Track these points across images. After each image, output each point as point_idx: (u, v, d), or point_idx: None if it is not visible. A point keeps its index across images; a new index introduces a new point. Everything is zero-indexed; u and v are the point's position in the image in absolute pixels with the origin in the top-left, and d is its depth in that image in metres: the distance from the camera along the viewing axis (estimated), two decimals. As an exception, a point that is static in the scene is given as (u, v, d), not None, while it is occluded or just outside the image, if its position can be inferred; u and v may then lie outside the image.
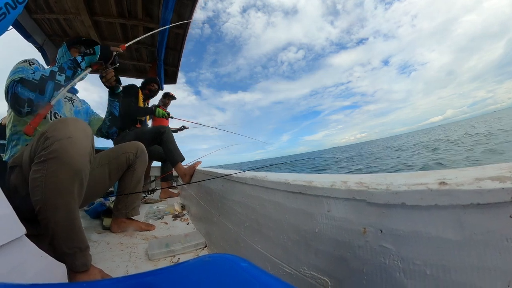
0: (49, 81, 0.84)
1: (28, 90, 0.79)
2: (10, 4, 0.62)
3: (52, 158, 0.66)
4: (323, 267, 0.43)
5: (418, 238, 0.29)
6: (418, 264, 0.29)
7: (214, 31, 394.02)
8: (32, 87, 0.80)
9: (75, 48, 1.12)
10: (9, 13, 0.62)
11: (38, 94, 0.81)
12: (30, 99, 0.80)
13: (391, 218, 0.32)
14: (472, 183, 0.25)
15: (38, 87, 0.81)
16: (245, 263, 0.27)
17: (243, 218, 0.75)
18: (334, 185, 0.41)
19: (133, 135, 1.89)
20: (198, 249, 1.04)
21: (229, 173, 0.90)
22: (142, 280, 0.27)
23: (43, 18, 2.11)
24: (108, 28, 2.31)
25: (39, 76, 0.82)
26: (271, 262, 0.57)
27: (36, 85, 0.80)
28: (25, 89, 0.78)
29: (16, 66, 0.89)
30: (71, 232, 0.70)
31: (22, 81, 0.79)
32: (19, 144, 0.91)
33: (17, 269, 0.46)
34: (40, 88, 0.81)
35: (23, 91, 0.78)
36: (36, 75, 0.82)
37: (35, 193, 0.67)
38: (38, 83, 0.81)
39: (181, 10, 2.06)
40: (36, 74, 0.83)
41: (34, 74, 0.83)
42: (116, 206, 1.31)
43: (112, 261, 0.94)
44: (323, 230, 0.43)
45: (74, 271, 0.71)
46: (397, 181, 0.33)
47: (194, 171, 1.61)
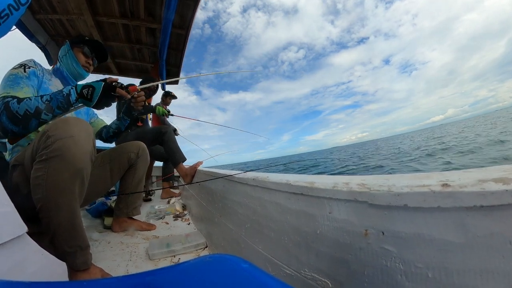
0: (33, 118, 0.77)
1: (11, 123, 0.75)
2: (13, 5, 0.62)
3: (54, 156, 0.66)
4: (324, 269, 0.43)
5: (420, 240, 0.29)
6: (420, 267, 0.28)
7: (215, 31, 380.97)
8: (15, 121, 0.75)
9: (78, 48, 1.10)
10: (12, 15, 0.62)
11: (21, 129, 0.78)
12: (13, 131, 0.77)
13: (393, 220, 0.32)
14: (475, 185, 0.25)
15: (21, 123, 0.76)
16: (245, 264, 0.27)
17: (244, 219, 0.75)
18: (336, 186, 0.41)
19: (135, 135, 1.90)
20: (199, 249, 1.04)
21: (231, 174, 0.90)
22: (142, 280, 0.27)
23: (46, 19, 2.12)
24: (110, 29, 2.32)
25: (23, 111, 0.76)
26: (272, 263, 0.57)
27: (20, 120, 0.75)
28: (9, 120, 0.75)
29: (10, 73, 0.85)
30: (72, 231, 0.71)
31: (7, 109, 0.75)
32: (20, 145, 0.92)
33: (18, 266, 0.46)
34: (23, 124, 0.77)
35: (7, 123, 0.75)
36: (21, 108, 0.75)
37: (37, 192, 0.67)
38: (22, 118, 0.76)
39: (183, 10, 2.07)
40: (21, 106, 0.76)
41: (19, 106, 0.75)
42: (118, 206, 1.31)
43: (113, 260, 0.94)
44: (324, 231, 0.43)
45: (75, 270, 0.71)
46: (399, 183, 0.33)
47: (195, 171, 1.61)
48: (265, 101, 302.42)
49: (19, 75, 0.86)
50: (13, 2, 0.62)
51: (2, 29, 0.61)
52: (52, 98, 0.80)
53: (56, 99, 0.81)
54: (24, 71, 0.88)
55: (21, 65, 0.90)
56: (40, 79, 0.94)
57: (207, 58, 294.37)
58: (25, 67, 0.89)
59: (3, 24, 0.61)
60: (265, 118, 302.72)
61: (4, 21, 0.61)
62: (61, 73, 1.08)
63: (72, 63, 1.08)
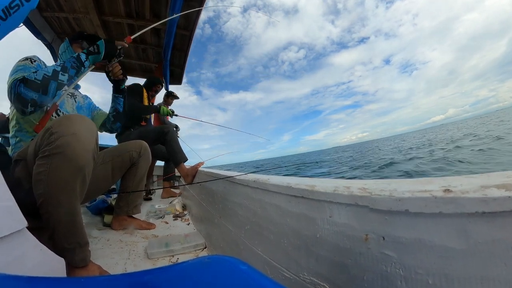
0: (52, 80, 0.82)
1: (31, 90, 0.78)
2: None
3: (56, 153, 0.67)
4: (323, 273, 0.42)
5: (421, 246, 0.28)
6: (420, 273, 0.28)
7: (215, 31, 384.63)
8: (35, 87, 0.79)
9: (77, 43, 1.11)
10: (22, 5, 0.62)
11: (41, 94, 0.81)
12: (34, 99, 0.80)
13: (394, 225, 0.31)
14: (477, 190, 0.25)
15: (40, 87, 0.79)
16: (244, 266, 0.27)
17: (244, 221, 0.75)
18: (337, 190, 0.41)
19: (137, 134, 1.91)
20: (198, 250, 1.03)
21: (232, 175, 0.90)
22: (140, 279, 0.27)
23: (53, 17, 2.15)
24: (116, 28, 2.35)
25: (42, 75, 0.80)
26: (271, 266, 0.57)
27: (39, 85, 0.79)
28: (28, 89, 0.77)
29: (17, 64, 0.88)
30: (71, 227, 0.71)
31: (24, 80, 0.78)
32: (22, 141, 0.93)
33: (17, 261, 0.46)
34: (43, 88, 0.80)
35: (26, 92, 0.77)
36: (39, 74, 0.80)
37: (38, 187, 0.67)
38: (41, 83, 0.80)
39: (188, 10, 2.09)
40: (38, 73, 0.81)
41: (36, 73, 0.81)
42: (118, 204, 1.31)
43: (111, 258, 0.94)
44: (324, 235, 0.43)
45: (73, 266, 0.71)
46: (401, 188, 0.32)
47: (196, 171, 1.61)
48: (265, 101, 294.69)
49: (27, 66, 0.89)
50: None
51: (12, 21, 0.61)
52: (65, 61, 0.90)
53: (69, 60, 0.91)
54: (31, 62, 0.91)
55: (27, 58, 0.92)
56: None
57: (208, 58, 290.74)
58: (31, 60, 0.92)
59: (13, 15, 0.60)
60: (265, 118, 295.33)
61: (14, 11, 0.61)
62: None
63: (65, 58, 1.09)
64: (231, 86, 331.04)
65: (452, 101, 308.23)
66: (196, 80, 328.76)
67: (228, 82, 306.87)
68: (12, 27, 0.62)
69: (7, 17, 0.59)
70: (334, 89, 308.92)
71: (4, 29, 0.60)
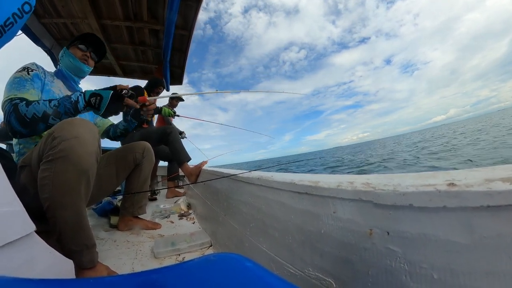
0: (40, 123, 0.79)
1: (19, 125, 0.77)
2: (17, 14, 0.65)
3: (60, 157, 0.67)
4: (328, 268, 0.43)
5: (425, 240, 0.28)
6: (425, 268, 0.28)
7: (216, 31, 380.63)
8: (24, 124, 0.78)
9: (73, 45, 1.11)
10: (16, 23, 0.64)
11: (29, 131, 0.80)
12: (22, 133, 0.79)
13: (398, 220, 0.31)
14: (482, 184, 0.24)
15: (29, 126, 0.78)
16: (250, 263, 0.27)
17: (248, 218, 0.75)
18: (341, 186, 0.41)
19: (140, 135, 1.92)
20: (203, 248, 1.04)
21: (235, 173, 0.90)
22: (147, 278, 0.27)
23: (51, 23, 2.15)
24: (114, 31, 2.34)
25: (31, 114, 0.77)
26: (276, 263, 0.57)
27: (28, 124, 0.78)
28: (17, 122, 0.77)
29: (14, 76, 0.86)
30: (78, 230, 0.72)
31: (15, 111, 0.76)
32: (26, 147, 0.93)
33: (26, 264, 0.47)
34: (31, 127, 0.79)
35: (16, 124, 0.77)
36: (29, 111, 0.77)
37: (44, 192, 0.68)
38: (30, 122, 0.78)
39: (186, 11, 2.08)
40: (29, 110, 0.77)
41: (28, 109, 0.77)
42: (123, 205, 1.33)
43: (119, 258, 0.95)
44: (328, 231, 0.43)
45: (81, 268, 0.72)
46: (404, 182, 0.32)
47: (200, 171, 1.62)
48: (266, 101, 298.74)
49: (23, 78, 0.87)
50: (17, 10, 0.64)
51: (7, 37, 0.64)
52: (60, 104, 0.82)
53: (64, 105, 0.82)
54: (27, 73, 0.89)
55: (24, 68, 0.91)
56: (43, 81, 0.96)
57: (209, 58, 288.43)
58: (28, 70, 0.91)
59: (8, 32, 0.63)
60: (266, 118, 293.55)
61: (9, 29, 0.63)
62: (62, 74, 1.10)
63: (70, 59, 1.09)
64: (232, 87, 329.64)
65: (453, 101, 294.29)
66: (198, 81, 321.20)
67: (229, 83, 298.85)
68: (7, 40, 0.65)
69: (3, 34, 0.62)
70: (335, 89, 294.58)
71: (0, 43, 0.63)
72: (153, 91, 2.32)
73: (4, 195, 0.47)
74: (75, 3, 1.95)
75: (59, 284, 0.28)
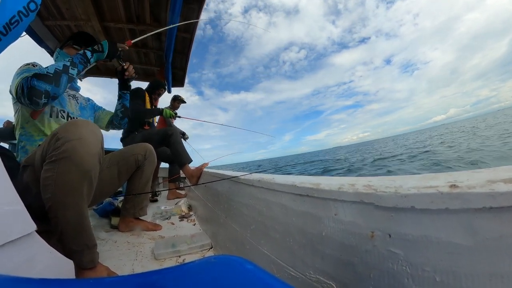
0: (63, 73, 0.87)
1: (44, 82, 0.81)
2: (23, 12, 0.65)
3: (63, 158, 0.68)
4: (329, 271, 0.42)
5: (427, 243, 0.28)
6: (427, 270, 0.28)
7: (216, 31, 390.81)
8: (48, 79, 0.82)
9: (66, 45, 1.14)
10: (21, 21, 0.65)
11: (54, 86, 0.84)
12: (47, 91, 0.83)
13: (400, 222, 0.31)
14: (484, 185, 0.24)
15: (53, 80, 0.84)
16: (250, 265, 0.27)
17: (249, 220, 0.75)
18: (342, 188, 0.41)
19: (142, 137, 1.92)
20: (204, 250, 1.04)
21: (236, 175, 0.90)
22: (147, 279, 0.27)
23: (55, 25, 2.18)
24: (117, 34, 2.37)
25: (53, 69, 0.85)
26: (277, 265, 0.57)
27: (51, 78, 0.83)
28: (41, 81, 0.81)
29: (21, 69, 0.91)
30: (79, 230, 0.72)
31: (36, 75, 0.81)
32: (28, 145, 0.94)
33: (27, 263, 0.47)
34: (55, 80, 0.84)
35: (39, 84, 0.81)
36: (50, 68, 0.85)
37: (46, 191, 0.69)
38: (53, 76, 0.84)
39: (188, 14, 2.09)
40: (49, 67, 0.85)
41: (48, 68, 0.85)
42: (124, 206, 1.33)
43: (119, 259, 0.95)
44: (330, 233, 0.43)
45: (82, 268, 0.72)
46: (406, 184, 0.32)
47: (201, 172, 1.62)
48: (266, 101, 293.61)
49: (30, 69, 0.90)
50: (23, 8, 0.64)
51: (12, 35, 0.64)
52: (73, 57, 0.95)
53: (76, 57, 0.96)
54: (33, 66, 0.93)
55: (28, 63, 0.94)
56: None
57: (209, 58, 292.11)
58: (33, 64, 0.94)
59: (13, 30, 0.63)
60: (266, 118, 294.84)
61: (14, 27, 0.63)
62: None
63: (65, 59, 1.10)
64: (232, 87, 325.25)
65: (453, 101, 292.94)
66: (198, 81, 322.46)
67: (229, 83, 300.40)
68: (13, 39, 0.65)
69: (8, 32, 0.63)
70: (335, 89, 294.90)
71: (5, 42, 0.64)
72: (155, 92, 2.35)
73: (6, 194, 0.47)
74: (78, 6, 1.97)
75: (58, 284, 0.28)
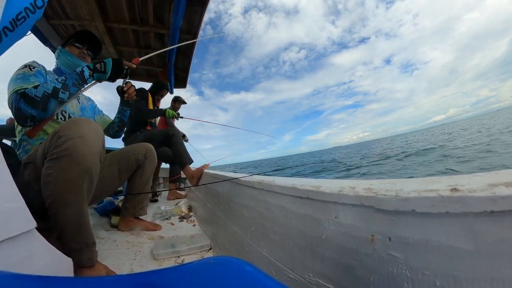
0: (52, 98, 0.81)
1: (30, 107, 0.78)
2: (29, 8, 0.65)
3: (64, 155, 0.68)
4: (328, 274, 0.42)
5: (428, 247, 0.28)
6: (427, 274, 0.28)
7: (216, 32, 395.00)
8: (34, 104, 0.78)
9: (69, 43, 1.12)
10: (28, 17, 0.65)
11: (41, 111, 0.80)
12: (33, 116, 0.80)
13: (400, 226, 0.31)
14: (485, 189, 0.24)
15: (40, 105, 0.79)
16: (249, 267, 0.27)
17: (249, 222, 0.75)
18: (342, 191, 0.41)
19: (143, 137, 1.93)
20: (203, 251, 1.04)
21: (237, 177, 0.90)
22: (146, 279, 0.27)
23: (59, 24, 2.20)
24: (121, 34, 2.39)
25: (41, 92, 0.79)
26: (276, 267, 0.56)
27: (38, 103, 0.79)
28: (28, 105, 0.77)
29: (17, 73, 0.87)
30: (79, 228, 0.72)
31: (24, 96, 0.77)
32: (29, 144, 0.94)
33: (26, 260, 0.47)
34: (42, 105, 0.80)
35: (26, 108, 0.77)
36: (39, 91, 0.79)
37: (47, 189, 0.69)
38: (40, 100, 0.79)
39: (191, 16, 2.11)
40: (38, 89, 0.79)
41: (37, 89, 0.79)
42: (125, 205, 1.33)
43: (118, 258, 0.95)
44: (329, 236, 0.43)
45: (80, 266, 0.72)
46: (407, 187, 0.32)
47: (202, 173, 1.62)
48: (266, 101, 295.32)
49: (26, 74, 0.89)
50: (30, 5, 0.65)
51: (19, 32, 0.64)
52: (67, 77, 0.86)
53: (71, 77, 0.87)
54: (30, 70, 0.91)
55: (25, 65, 0.92)
56: (45, 77, 0.98)
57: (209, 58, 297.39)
58: (30, 67, 0.92)
59: (20, 27, 0.63)
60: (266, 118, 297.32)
61: (21, 23, 0.63)
62: (61, 71, 1.11)
63: (67, 57, 1.10)
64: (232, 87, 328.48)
65: (453, 100, 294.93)
66: (198, 81, 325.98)
67: (229, 83, 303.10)
68: (19, 36, 0.65)
69: (15, 28, 0.63)
70: (335, 89, 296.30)
71: (12, 39, 0.63)
72: (158, 93, 2.38)
73: (7, 191, 0.47)
74: (83, 6, 1.99)
75: (57, 281, 0.28)
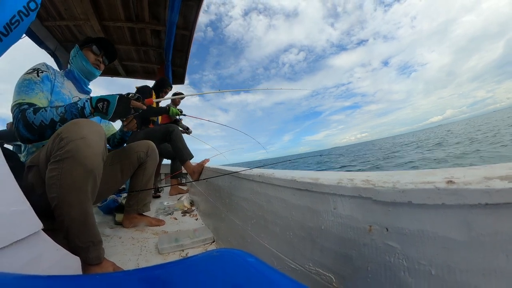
0: (48, 129, 0.80)
1: (27, 132, 0.78)
2: (23, 11, 0.64)
3: (67, 157, 0.69)
4: (328, 264, 0.43)
5: (424, 237, 0.29)
6: (423, 264, 0.28)
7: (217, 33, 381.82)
8: (31, 131, 0.79)
9: (87, 47, 1.11)
10: (22, 21, 0.64)
11: (37, 138, 0.81)
12: (29, 139, 0.80)
13: (397, 217, 0.32)
14: (480, 182, 0.24)
15: (37, 133, 0.80)
16: (251, 258, 0.28)
17: (250, 214, 0.76)
18: (341, 183, 0.41)
19: (144, 134, 1.93)
20: (206, 244, 1.06)
21: (237, 170, 0.91)
22: (152, 273, 0.28)
23: (54, 26, 2.17)
24: (117, 32, 2.35)
25: (39, 121, 0.79)
26: (277, 258, 0.58)
27: (35, 131, 0.79)
28: (25, 129, 0.78)
29: (23, 78, 0.86)
30: (84, 227, 0.73)
31: (23, 118, 0.77)
32: (34, 146, 0.95)
33: (35, 261, 0.48)
34: (39, 134, 0.80)
35: (24, 131, 0.78)
36: (37, 119, 0.78)
37: (51, 191, 0.70)
38: (37, 129, 0.79)
39: (187, 12, 2.08)
40: (37, 117, 0.78)
41: (35, 116, 0.78)
42: (128, 203, 1.35)
43: (124, 254, 0.97)
44: (328, 227, 0.43)
45: (88, 264, 0.74)
46: (404, 179, 0.32)
47: (202, 168, 1.63)
48: (266, 102, 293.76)
49: (32, 80, 0.87)
50: (23, 8, 0.64)
51: (14, 36, 0.63)
52: (67, 111, 0.83)
53: (71, 111, 0.83)
54: (37, 75, 0.89)
55: (34, 69, 0.91)
56: (53, 82, 0.96)
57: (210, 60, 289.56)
58: (38, 71, 0.91)
59: (14, 31, 0.63)
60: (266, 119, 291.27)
61: (15, 27, 0.63)
62: (72, 75, 1.10)
63: (82, 62, 1.09)
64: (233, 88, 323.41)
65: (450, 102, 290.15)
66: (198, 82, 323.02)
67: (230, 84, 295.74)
68: (14, 40, 0.64)
69: (9, 32, 0.62)
70: (334, 90, 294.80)
71: (7, 43, 0.63)
72: (162, 91, 2.34)
73: (12, 195, 0.48)
74: (77, 6, 1.96)
75: (66, 280, 0.29)
